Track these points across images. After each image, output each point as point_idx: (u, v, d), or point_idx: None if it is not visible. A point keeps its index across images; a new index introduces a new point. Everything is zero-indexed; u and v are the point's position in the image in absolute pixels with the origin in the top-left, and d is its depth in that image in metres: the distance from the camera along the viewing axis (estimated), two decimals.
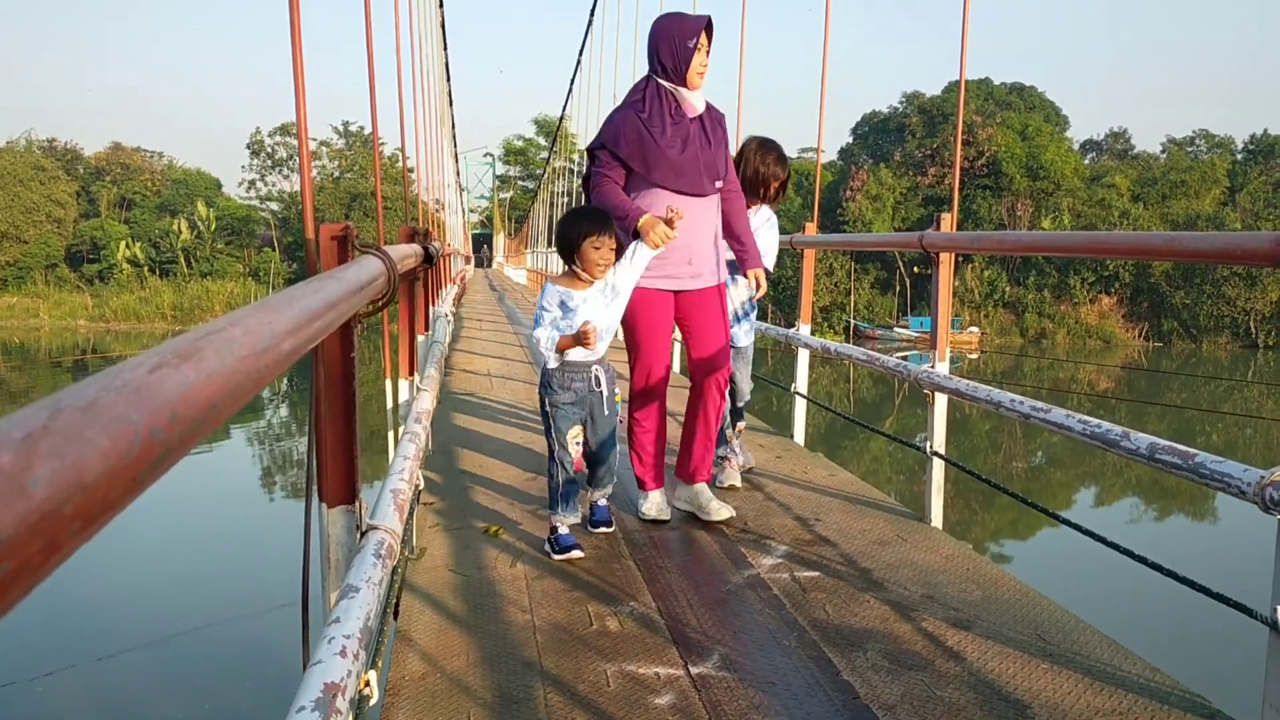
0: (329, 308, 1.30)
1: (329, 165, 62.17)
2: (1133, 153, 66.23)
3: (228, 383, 0.80)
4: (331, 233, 1.97)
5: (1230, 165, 51.84)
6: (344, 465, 2.04)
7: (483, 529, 3.91)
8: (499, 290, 29.60)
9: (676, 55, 3.63)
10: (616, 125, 3.69)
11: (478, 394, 7.49)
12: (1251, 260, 2.27)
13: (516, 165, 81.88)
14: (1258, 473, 2.28)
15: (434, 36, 16.65)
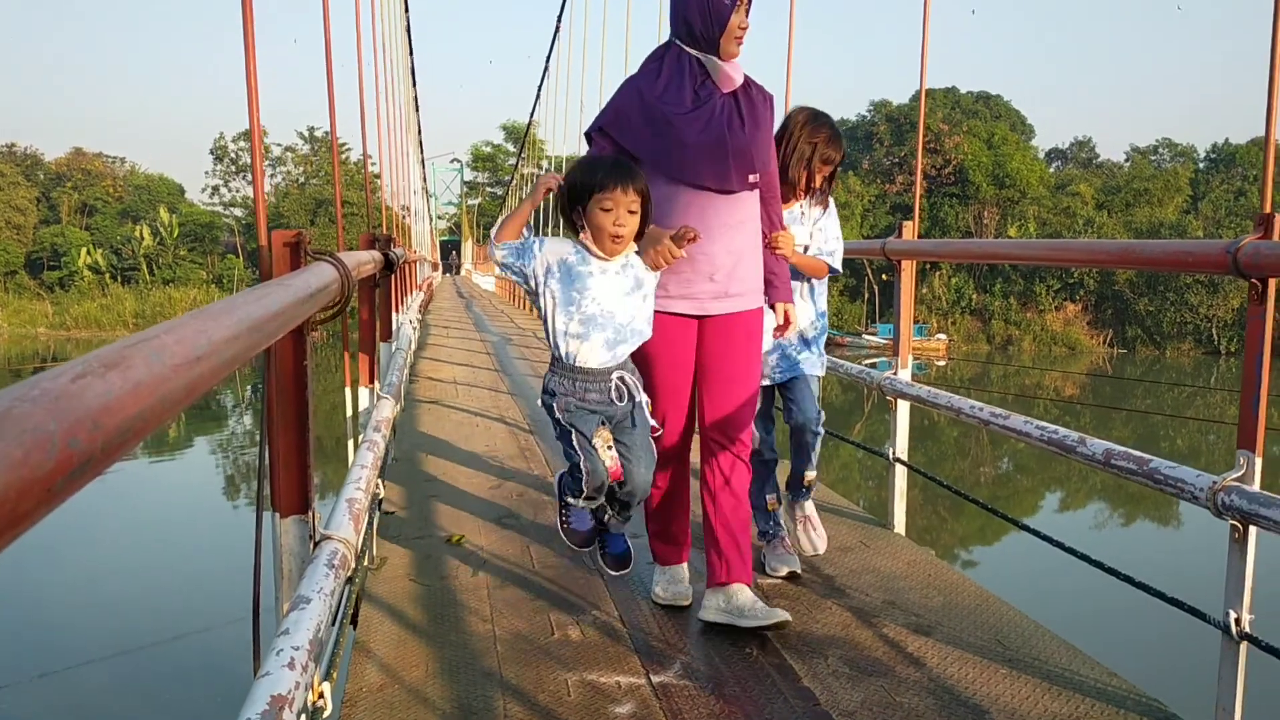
0: (273, 316, 1.28)
1: (294, 171, 61.78)
2: (1097, 161, 67.04)
3: (157, 392, 0.78)
4: (284, 239, 1.95)
5: (1193, 174, 52.61)
6: (297, 474, 2.02)
7: (445, 538, 3.88)
8: (467, 297, 29.48)
9: (709, 13, 2.79)
10: (618, 103, 2.91)
11: (443, 401, 7.45)
12: (1204, 268, 2.30)
13: (485, 172, 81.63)
14: (1210, 478, 2.31)
15: (399, 41, 16.58)
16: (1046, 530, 3.34)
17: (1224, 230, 43.02)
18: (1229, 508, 2.22)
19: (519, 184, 40.28)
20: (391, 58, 12.12)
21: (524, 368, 10.12)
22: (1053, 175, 56.56)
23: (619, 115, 2.89)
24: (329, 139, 59.94)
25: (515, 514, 4.25)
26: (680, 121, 2.81)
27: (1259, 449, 2.26)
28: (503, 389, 8.35)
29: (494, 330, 15.60)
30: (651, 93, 2.85)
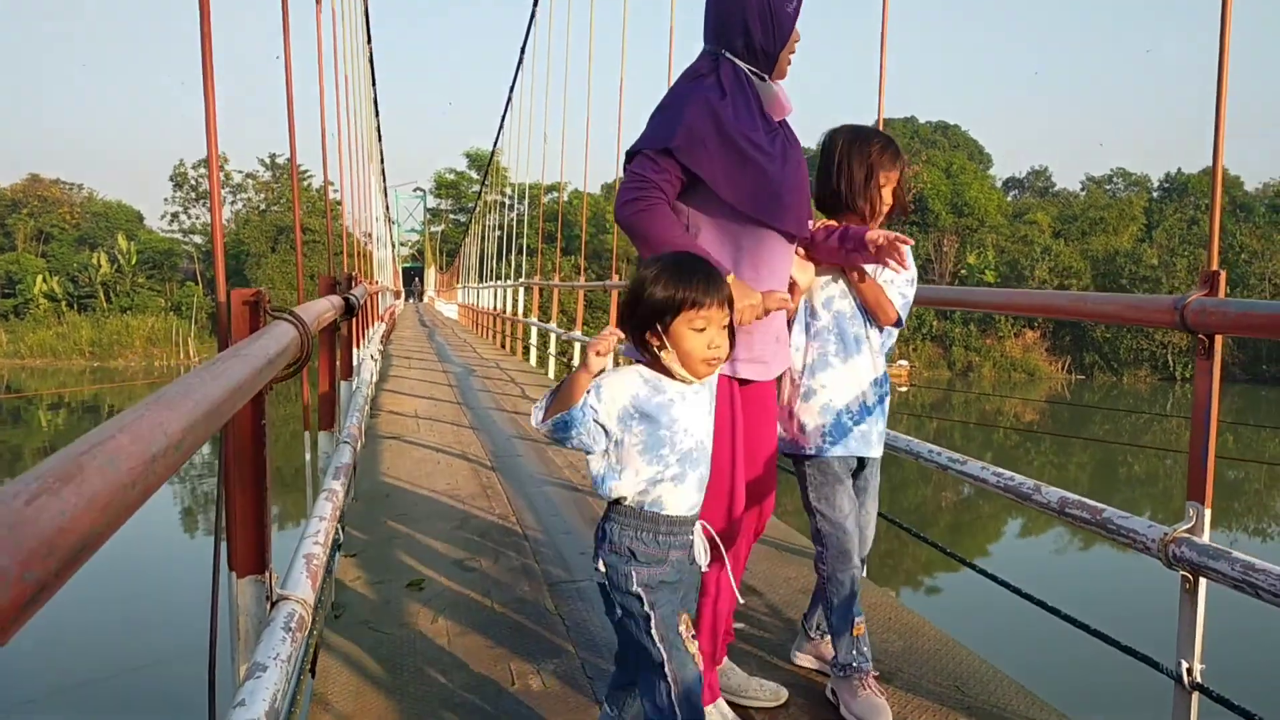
0: (231, 393, 1.28)
1: (255, 198, 61.40)
2: (1053, 190, 68.14)
3: (113, 502, 0.78)
4: (243, 298, 1.94)
5: (1147, 203, 53.56)
6: (254, 533, 2.01)
7: (405, 582, 3.85)
8: (429, 326, 29.40)
9: (771, 21, 2.36)
10: (691, 120, 2.31)
11: (404, 437, 7.41)
12: (1152, 322, 2.35)
13: (448, 199, 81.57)
14: (1161, 529, 2.34)
15: (362, 71, 16.57)
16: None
17: (1178, 258, 43.77)
18: (1179, 559, 2.26)
19: (483, 211, 40.23)
20: (354, 87, 12.11)
21: (486, 400, 10.09)
22: (1010, 204, 57.39)
23: (693, 136, 2.31)
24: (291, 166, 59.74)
25: (476, 556, 4.23)
26: (760, 153, 2.36)
27: (1208, 500, 2.30)
28: (465, 423, 8.32)
29: (456, 361, 15.54)
30: (725, 115, 2.34)
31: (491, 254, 30.60)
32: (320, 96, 7.18)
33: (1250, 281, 41.82)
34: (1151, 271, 43.66)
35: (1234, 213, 49.46)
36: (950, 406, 36.95)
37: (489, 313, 23.87)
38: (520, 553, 4.29)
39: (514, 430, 7.90)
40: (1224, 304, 2.19)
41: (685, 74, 2.47)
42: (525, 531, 4.66)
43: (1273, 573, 2.03)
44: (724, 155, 2.32)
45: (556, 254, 19.96)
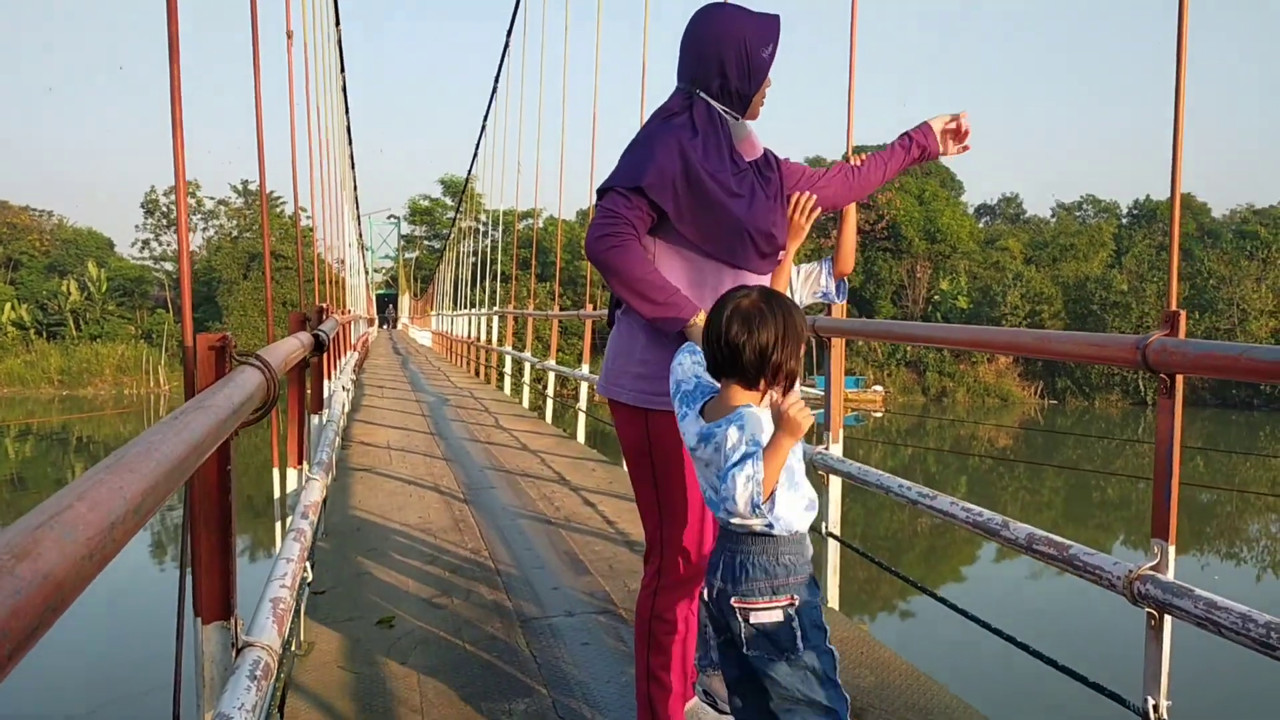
0: (195, 448, 1.28)
1: (227, 225, 61.17)
2: (1024, 217, 68.82)
3: (69, 576, 0.78)
4: (209, 343, 1.94)
5: (1116, 229, 54.25)
6: (219, 578, 1.99)
7: (375, 620, 3.83)
8: (403, 354, 29.30)
9: (748, 66, 2.41)
10: (661, 160, 2.37)
11: (376, 469, 7.37)
12: (1115, 361, 2.38)
13: (422, 225, 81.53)
14: (1127, 566, 2.36)
15: (335, 99, 16.59)
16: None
17: (1147, 284, 44.26)
18: (1144, 597, 2.28)
19: (457, 237, 40.25)
20: (326, 116, 12.11)
21: (460, 430, 10.06)
22: (982, 230, 57.95)
23: (663, 175, 2.36)
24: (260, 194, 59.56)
25: (447, 592, 4.21)
26: (726, 193, 2.39)
27: (1172, 537, 2.32)
28: (437, 454, 8.29)
29: (430, 390, 15.49)
30: (694, 156, 2.38)
31: (466, 280, 30.59)
32: (291, 126, 7.18)
33: (1219, 307, 42.36)
34: (1121, 297, 44.13)
35: (1202, 239, 50.18)
36: (925, 432, 37.14)
37: (463, 340, 23.82)
38: (492, 588, 4.27)
39: (487, 461, 7.87)
40: (1184, 344, 2.21)
41: (658, 111, 2.50)
42: (497, 566, 4.64)
43: (1234, 611, 2.05)
44: (691, 195, 2.36)
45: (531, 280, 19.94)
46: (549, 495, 6.36)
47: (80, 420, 35.08)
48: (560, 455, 8.18)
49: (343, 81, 19.06)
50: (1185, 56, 2.57)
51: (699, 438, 2.02)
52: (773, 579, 1.99)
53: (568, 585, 4.30)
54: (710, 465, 1.99)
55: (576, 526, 5.45)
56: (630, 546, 4.98)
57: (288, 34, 6.75)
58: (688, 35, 2.47)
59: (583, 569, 4.56)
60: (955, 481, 26.08)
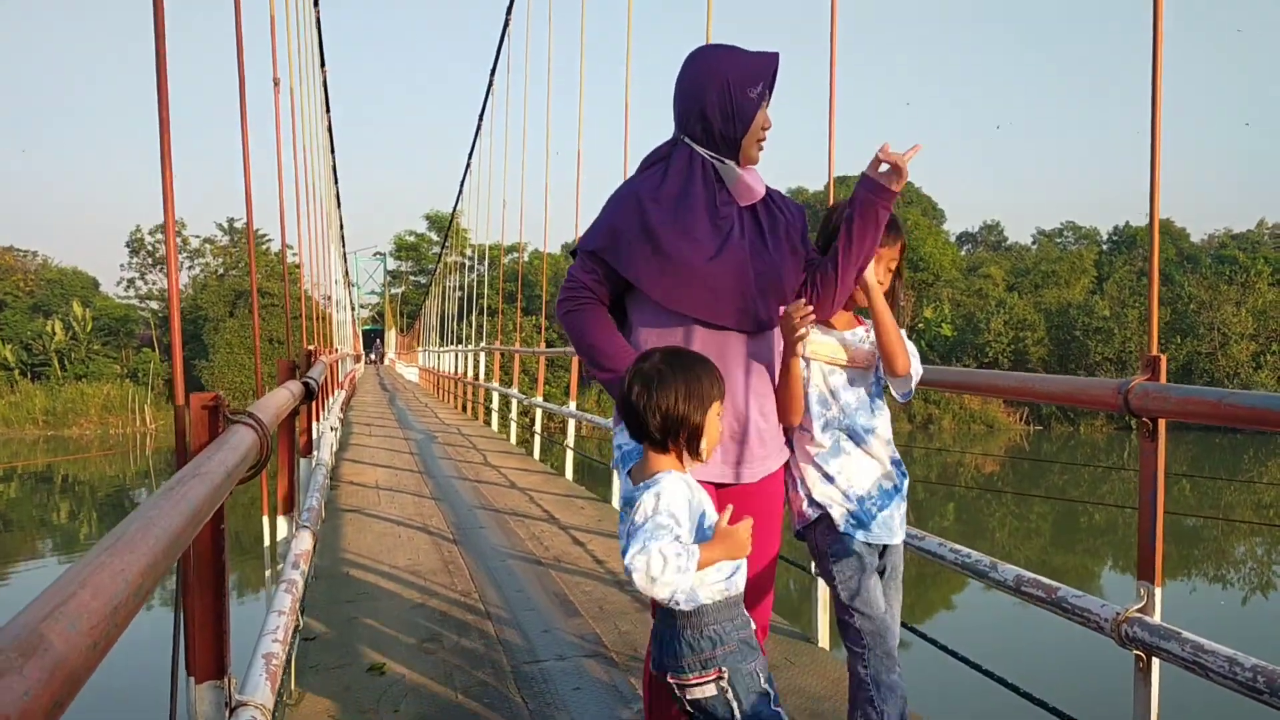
0: (193, 517, 1.29)
1: (213, 263, 61.12)
2: (1006, 244, 69.28)
3: (76, 665, 0.79)
4: (202, 402, 1.95)
5: (1097, 255, 54.63)
6: (213, 638, 2.00)
7: (365, 667, 3.81)
8: (390, 390, 29.23)
9: (730, 109, 2.28)
10: (615, 220, 2.33)
11: (365, 510, 7.35)
12: (1096, 405, 2.41)
13: (409, 261, 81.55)
14: (1114, 608, 2.39)
15: (320, 139, 16.65)
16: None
17: (1128, 309, 44.53)
18: (1132, 639, 2.30)
19: (443, 273, 40.29)
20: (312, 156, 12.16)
21: (448, 468, 10.04)
22: (964, 258, 58.29)
23: (615, 236, 2.31)
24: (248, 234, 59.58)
25: (438, 637, 4.20)
26: (691, 245, 2.26)
27: (1158, 580, 2.35)
28: (426, 493, 8.27)
29: (418, 427, 15.46)
30: (656, 207, 2.30)
31: (452, 315, 30.60)
32: (278, 169, 7.22)
33: (1199, 331, 42.61)
34: (1104, 323, 44.36)
35: (1181, 264, 50.55)
36: (912, 459, 37.17)
37: (450, 376, 23.80)
38: (483, 632, 4.27)
39: (476, 500, 7.86)
40: (1166, 389, 2.25)
41: (643, 163, 2.46)
42: (488, 609, 4.63)
43: (1221, 655, 2.08)
44: (647, 253, 2.28)
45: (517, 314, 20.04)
46: (538, 534, 6.35)
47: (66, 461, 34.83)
48: (549, 493, 8.18)
49: (328, 121, 19.15)
50: (1160, 96, 2.62)
51: (623, 501, 2.02)
52: (699, 654, 1.96)
53: (558, 628, 4.29)
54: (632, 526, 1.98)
55: (566, 566, 5.44)
56: (620, 587, 4.98)
57: (274, 81, 6.80)
58: (678, 79, 2.38)
59: (573, 610, 4.56)
60: (943, 509, 26.09)
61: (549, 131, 13.33)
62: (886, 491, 2.55)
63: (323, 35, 16.07)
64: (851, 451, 2.53)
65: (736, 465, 2.37)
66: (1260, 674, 1.98)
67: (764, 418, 2.40)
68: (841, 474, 2.51)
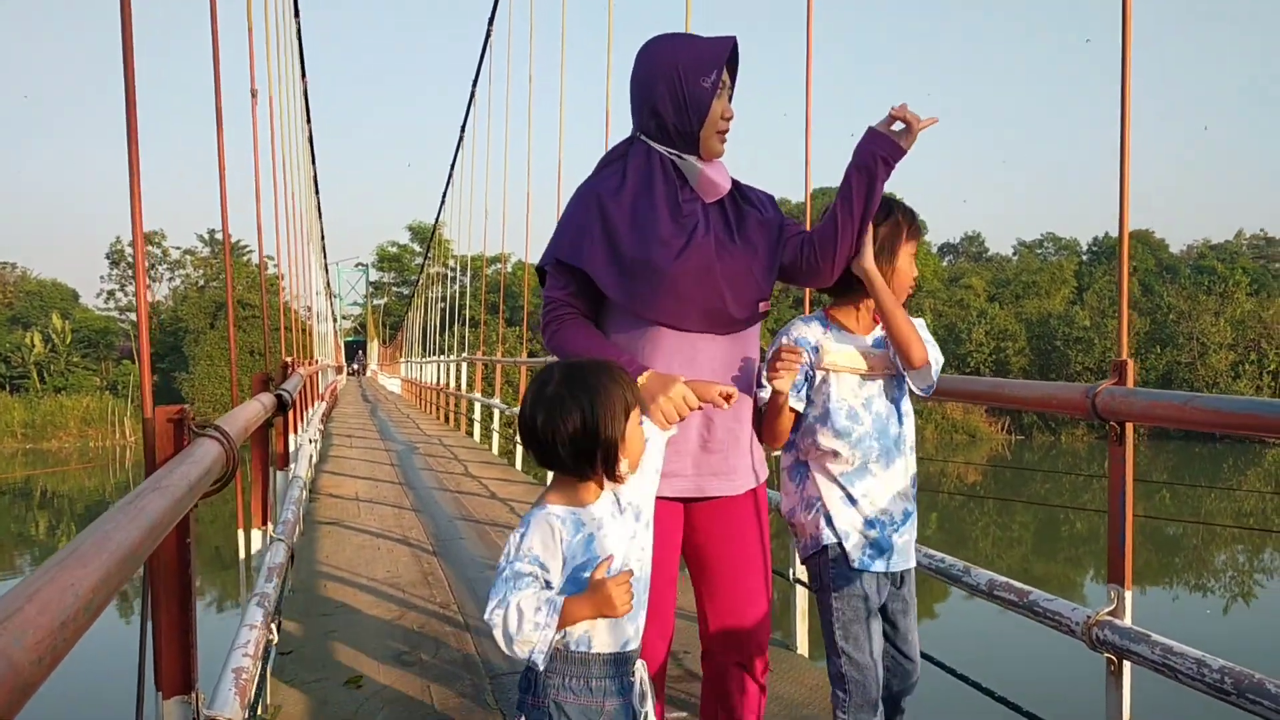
0: (151, 530, 1.28)
1: (194, 274, 60.92)
2: (987, 255, 69.72)
3: (22, 679, 0.79)
4: (167, 415, 1.94)
5: (1077, 266, 54.99)
6: (180, 652, 1.98)
7: (342, 680, 3.79)
8: (372, 401, 29.14)
9: (685, 100, 2.14)
10: (578, 221, 2.20)
11: (344, 522, 7.32)
12: (1065, 410, 2.43)
13: (391, 271, 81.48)
14: (1085, 612, 2.40)
15: (301, 150, 16.61)
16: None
17: (1108, 319, 44.82)
18: (1103, 642, 2.31)
19: (426, 283, 40.21)
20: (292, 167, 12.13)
21: (429, 479, 10.00)
22: (946, 269, 58.61)
23: (578, 240, 2.18)
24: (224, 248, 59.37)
25: (416, 649, 4.18)
26: (653, 247, 2.13)
27: (1128, 583, 2.36)
28: (406, 504, 8.24)
29: (399, 438, 15.41)
30: (616, 207, 2.17)
31: (435, 326, 30.56)
32: (255, 181, 7.20)
33: (1179, 341, 42.88)
34: (1084, 333, 44.61)
35: (1161, 274, 50.94)
36: None
37: (432, 387, 23.75)
38: (461, 643, 4.25)
39: (456, 511, 7.84)
40: (1133, 393, 2.27)
41: (603, 157, 2.32)
42: (467, 620, 4.61)
43: (1190, 656, 2.09)
44: (610, 256, 2.15)
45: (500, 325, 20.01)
46: None
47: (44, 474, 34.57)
48: (529, 503, 8.14)
49: (309, 132, 19.12)
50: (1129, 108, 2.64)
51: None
52: (525, 695, 1.82)
53: None
54: None
55: None
56: None
57: (252, 92, 6.79)
58: (632, 74, 2.24)
59: None
60: (925, 518, 26.18)
61: (530, 142, 13.36)
62: (907, 512, 2.43)
63: (303, 45, 16.05)
64: (879, 473, 2.38)
65: (712, 477, 2.21)
66: (1228, 675, 1.99)
67: (740, 424, 2.24)
68: (866, 496, 2.37)
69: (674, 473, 2.16)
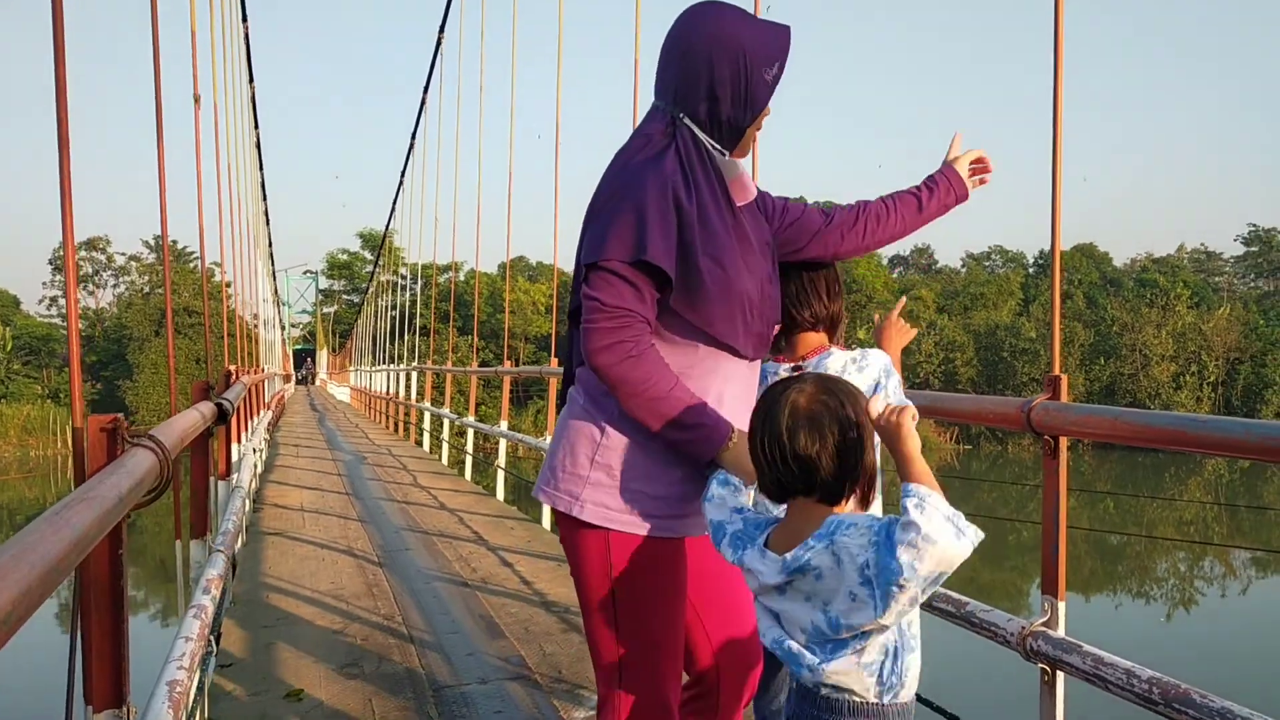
0: (76, 543, 1.26)
1: (139, 281, 60.00)
2: (936, 267, 70.61)
3: None
4: (100, 424, 1.91)
5: (1024, 278, 55.81)
6: (111, 664, 1.95)
7: (283, 694, 3.75)
8: (320, 410, 28.83)
9: (744, 91, 1.87)
10: (657, 214, 1.81)
11: (288, 533, 7.24)
12: (1001, 423, 2.47)
13: (341, 279, 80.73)
14: (1020, 622, 2.43)
15: (248, 155, 16.45)
16: None
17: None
18: (1036, 653, 2.34)
19: (376, 291, 39.93)
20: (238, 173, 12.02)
21: (376, 490, 9.92)
22: (896, 280, 59.26)
23: (668, 238, 1.81)
24: (174, 247, 58.52)
25: (359, 662, 4.14)
26: (728, 257, 1.87)
27: (1061, 594, 2.40)
28: (353, 515, 8.16)
29: (347, 448, 15.27)
30: (687, 203, 1.84)
31: (385, 334, 30.34)
32: (198, 188, 7.12)
33: (1122, 352, 43.66)
34: (1030, 344, 45.28)
35: (1105, 287, 51.87)
36: None
37: (382, 396, 23.56)
38: (405, 656, 4.22)
39: (404, 522, 7.78)
40: (1066, 408, 2.31)
41: (637, 140, 1.94)
42: (411, 632, 4.58)
43: (1120, 667, 2.13)
44: (685, 262, 1.83)
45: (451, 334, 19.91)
46: (466, 556, 6.30)
47: None
48: (479, 514, 8.12)
49: (257, 137, 18.92)
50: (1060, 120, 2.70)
51: (785, 572, 1.56)
52: None
53: (482, 650, 4.26)
54: (814, 598, 1.55)
55: (493, 588, 5.40)
56: (547, 608, 4.96)
57: (195, 98, 6.71)
58: (674, 39, 1.91)
59: (498, 632, 4.52)
60: None
61: (480, 149, 13.34)
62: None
63: (251, 51, 15.90)
64: None
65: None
66: (1156, 685, 2.03)
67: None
68: None
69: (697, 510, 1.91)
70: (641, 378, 1.79)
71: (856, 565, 1.48)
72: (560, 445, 1.97)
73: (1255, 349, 43.58)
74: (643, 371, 1.79)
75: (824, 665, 1.55)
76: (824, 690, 1.57)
